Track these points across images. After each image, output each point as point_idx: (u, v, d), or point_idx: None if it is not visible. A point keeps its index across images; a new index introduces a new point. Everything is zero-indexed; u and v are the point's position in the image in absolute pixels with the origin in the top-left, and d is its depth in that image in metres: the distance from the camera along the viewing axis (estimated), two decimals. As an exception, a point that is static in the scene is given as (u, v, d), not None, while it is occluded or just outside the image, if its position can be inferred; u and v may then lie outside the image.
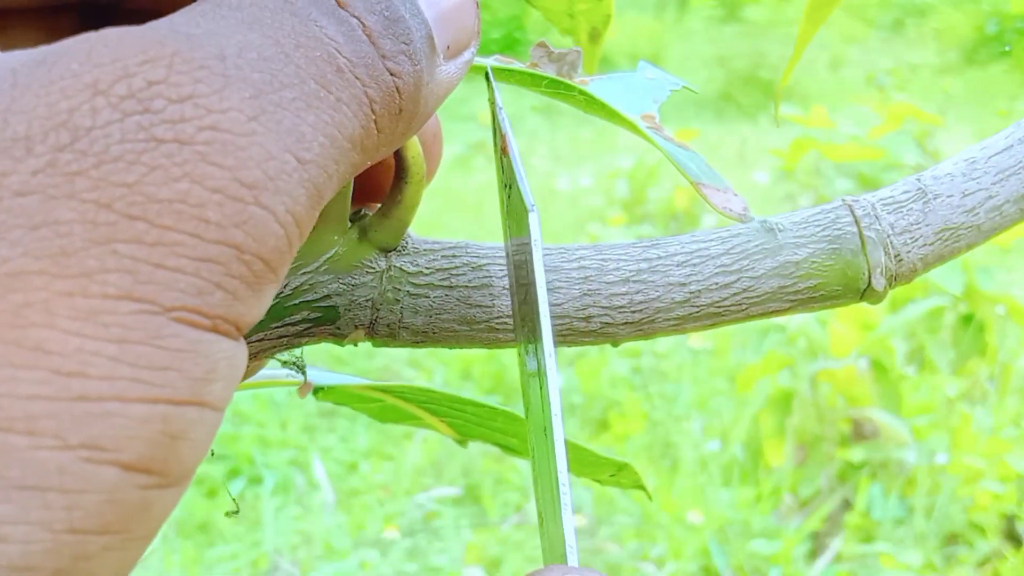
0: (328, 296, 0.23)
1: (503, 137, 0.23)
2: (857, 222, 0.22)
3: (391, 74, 0.18)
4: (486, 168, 2.95)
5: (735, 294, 0.21)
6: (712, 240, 0.22)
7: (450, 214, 2.58)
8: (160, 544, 1.54)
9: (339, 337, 0.23)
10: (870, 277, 0.21)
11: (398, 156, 0.23)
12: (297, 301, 0.23)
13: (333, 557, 1.60)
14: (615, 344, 0.22)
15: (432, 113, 0.21)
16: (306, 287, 0.23)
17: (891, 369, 1.71)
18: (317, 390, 0.29)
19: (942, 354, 1.78)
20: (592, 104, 0.25)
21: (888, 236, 0.21)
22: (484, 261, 0.23)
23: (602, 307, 0.22)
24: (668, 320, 0.22)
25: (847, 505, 1.63)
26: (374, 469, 1.76)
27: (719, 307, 0.21)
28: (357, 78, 0.18)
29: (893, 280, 0.22)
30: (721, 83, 3.28)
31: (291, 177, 0.16)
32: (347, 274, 0.23)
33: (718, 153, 2.71)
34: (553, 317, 0.22)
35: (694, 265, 0.22)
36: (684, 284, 0.21)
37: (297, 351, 0.25)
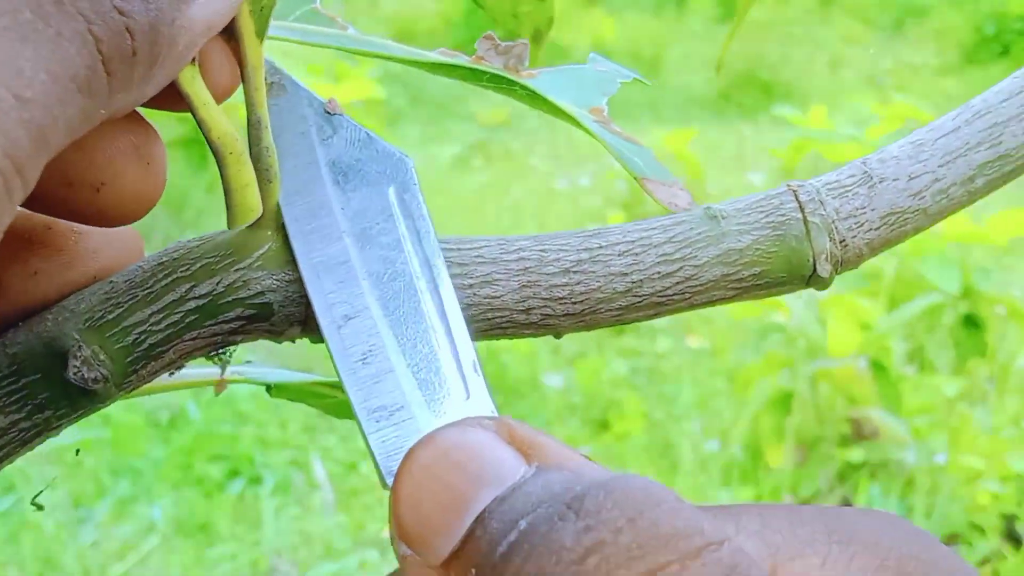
0: (262, 293, 0.22)
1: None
2: (802, 208, 0.21)
3: (120, 13, 0.16)
4: (485, 168, 2.94)
5: (677, 283, 0.21)
6: (654, 228, 0.21)
7: (449, 215, 2.57)
8: (160, 544, 1.54)
9: (275, 334, 0.23)
10: (815, 263, 0.21)
11: (206, 139, 0.22)
12: (231, 299, 0.22)
13: (333, 557, 1.59)
14: (557, 336, 0.22)
15: (189, 56, 0.19)
16: (239, 284, 0.22)
17: (890, 369, 1.70)
18: (269, 387, 0.29)
19: (941, 354, 1.77)
20: (535, 100, 0.24)
21: (833, 221, 0.21)
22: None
23: (542, 299, 0.21)
24: (610, 311, 0.21)
25: (847, 505, 1.62)
26: (374, 469, 1.76)
27: (661, 296, 0.21)
28: (80, 13, 0.16)
29: (839, 266, 0.21)
30: (720, 83, 3.27)
31: (8, 116, 0.15)
32: (281, 270, 0.22)
33: (717, 153, 2.70)
34: (492, 309, 0.21)
35: (636, 254, 0.21)
36: (626, 274, 0.21)
37: (232, 348, 0.24)
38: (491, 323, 0.21)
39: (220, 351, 0.24)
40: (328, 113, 0.24)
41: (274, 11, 0.27)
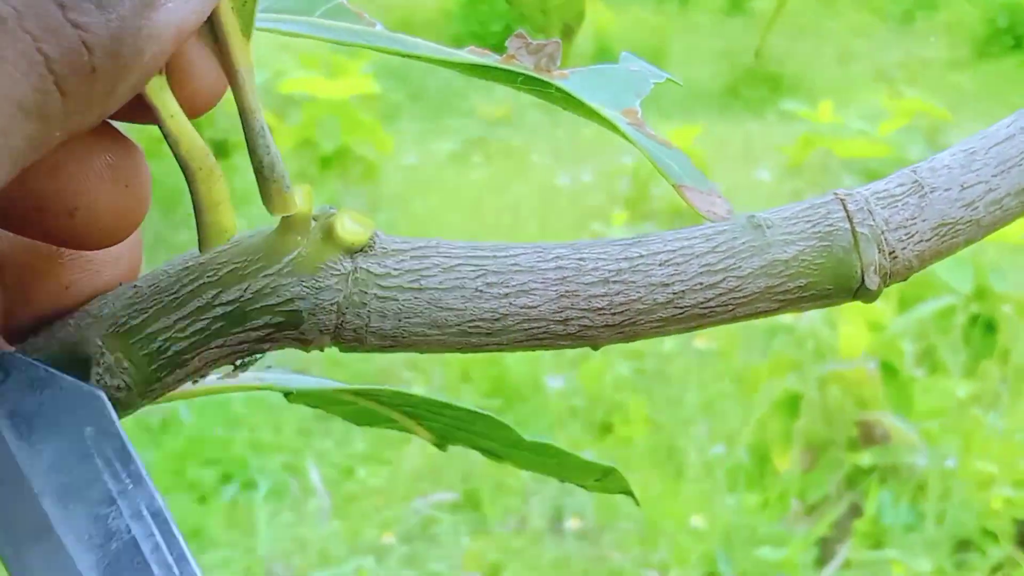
0: (291, 300, 0.22)
1: None
2: (850, 218, 0.21)
3: (74, 26, 0.15)
4: (484, 164, 2.94)
5: (721, 294, 0.21)
6: (696, 238, 0.21)
7: (447, 212, 2.57)
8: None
9: (303, 343, 0.23)
10: (863, 276, 0.21)
11: (174, 154, 0.21)
12: (258, 305, 0.22)
13: (329, 564, 1.59)
14: (595, 347, 0.22)
15: (157, 66, 0.18)
16: (268, 291, 0.22)
17: (901, 371, 1.70)
18: (287, 394, 0.29)
19: (953, 356, 1.77)
20: (570, 102, 0.24)
21: (882, 232, 0.21)
22: (456, 261, 0.22)
23: (580, 309, 0.21)
24: (650, 322, 0.21)
25: (856, 511, 1.62)
26: (371, 474, 1.75)
27: (704, 308, 0.21)
28: (26, 31, 0.15)
29: (888, 278, 0.21)
30: (726, 77, 3.27)
31: None
32: (311, 276, 0.22)
33: (723, 149, 2.70)
34: (529, 320, 0.21)
35: (677, 264, 0.21)
36: (667, 284, 0.21)
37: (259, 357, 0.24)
38: (527, 334, 0.22)
39: (247, 359, 0.24)
40: None
41: (297, 8, 0.27)
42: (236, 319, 0.22)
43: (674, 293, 0.20)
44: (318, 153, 2.59)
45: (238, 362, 0.24)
